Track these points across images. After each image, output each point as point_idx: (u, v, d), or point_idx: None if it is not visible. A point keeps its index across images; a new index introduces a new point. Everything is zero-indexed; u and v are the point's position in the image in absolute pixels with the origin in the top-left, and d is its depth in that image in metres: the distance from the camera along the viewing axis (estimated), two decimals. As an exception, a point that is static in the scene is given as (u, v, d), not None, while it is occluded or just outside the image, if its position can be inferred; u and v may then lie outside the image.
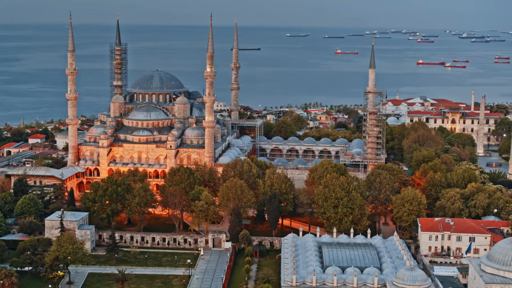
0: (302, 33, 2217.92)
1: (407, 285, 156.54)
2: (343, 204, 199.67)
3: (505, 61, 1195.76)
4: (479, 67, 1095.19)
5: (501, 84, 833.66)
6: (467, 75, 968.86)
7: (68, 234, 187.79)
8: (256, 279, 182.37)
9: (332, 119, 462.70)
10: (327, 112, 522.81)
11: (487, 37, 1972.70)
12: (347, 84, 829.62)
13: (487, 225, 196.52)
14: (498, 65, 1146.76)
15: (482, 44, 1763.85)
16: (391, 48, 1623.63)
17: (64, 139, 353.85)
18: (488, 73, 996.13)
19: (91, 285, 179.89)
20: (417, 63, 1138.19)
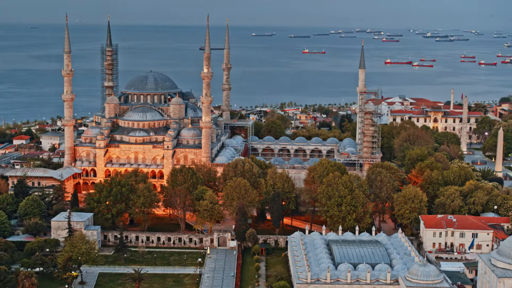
0: (268, 32, 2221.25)
1: (421, 280, 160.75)
2: (346, 202, 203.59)
3: (471, 60, 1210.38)
4: (446, 66, 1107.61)
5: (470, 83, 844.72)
6: (435, 74, 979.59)
7: (81, 234, 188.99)
8: (267, 276, 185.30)
9: (311, 118, 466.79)
10: (303, 111, 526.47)
11: (451, 36, 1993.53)
12: (319, 83, 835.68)
13: (487, 222, 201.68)
14: (464, 64, 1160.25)
15: (446, 43, 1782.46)
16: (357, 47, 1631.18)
17: (50, 140, 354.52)
18: (455, 72, 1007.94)
19: (104, 284, 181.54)
20: (385, 62, 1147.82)
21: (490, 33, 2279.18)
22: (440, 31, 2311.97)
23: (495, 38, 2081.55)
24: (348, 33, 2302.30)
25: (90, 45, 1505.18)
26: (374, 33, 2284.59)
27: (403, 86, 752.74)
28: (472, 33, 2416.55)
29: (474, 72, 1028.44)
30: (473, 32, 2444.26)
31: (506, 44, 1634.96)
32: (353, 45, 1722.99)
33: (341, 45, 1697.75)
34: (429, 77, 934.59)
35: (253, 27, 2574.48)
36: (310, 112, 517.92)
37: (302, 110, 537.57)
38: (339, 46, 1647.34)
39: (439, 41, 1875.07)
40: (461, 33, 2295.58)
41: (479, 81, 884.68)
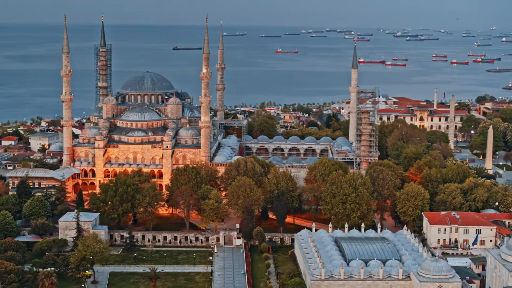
0: (239, 32, 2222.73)
1: (434, 275, 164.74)
2: (351, 200, 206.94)
3: (442, 59, 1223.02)
4: (419, 65, 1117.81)
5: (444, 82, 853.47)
6: (409, 73, 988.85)
7: (93, 233, 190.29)
8: (277, 274, 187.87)
9: (295, 118, 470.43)
10: (284, 110, 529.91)
11: (421, 36, 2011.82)
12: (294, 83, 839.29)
13: (489, 218, 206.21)
14: (436, 63, 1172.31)
15: (417, 43, 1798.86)
16: (329, 47, 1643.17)
17: (39, 141, 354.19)
18: (428, 71, 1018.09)
19: (116, 283, 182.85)
20: (359, 61, 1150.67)
21: (459, 33, 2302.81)
22: (410, 31, 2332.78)
23: (464, 37, 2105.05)
24: (318, 32, 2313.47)
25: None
26: (345, 32, 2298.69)
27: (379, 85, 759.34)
28: (442, 32, 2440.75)
29: (447, 71, 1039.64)
30: (442, 32, 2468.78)
31: (476, 43, 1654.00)
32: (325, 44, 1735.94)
33: (312, 45, 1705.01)
34: (403, 76, 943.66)
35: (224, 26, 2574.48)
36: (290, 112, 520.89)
37: (282, 109, 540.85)
38: (311, 46, 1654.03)
39: (410, 40, 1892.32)
40: (431, 32, 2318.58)
41: (452, 80, 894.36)
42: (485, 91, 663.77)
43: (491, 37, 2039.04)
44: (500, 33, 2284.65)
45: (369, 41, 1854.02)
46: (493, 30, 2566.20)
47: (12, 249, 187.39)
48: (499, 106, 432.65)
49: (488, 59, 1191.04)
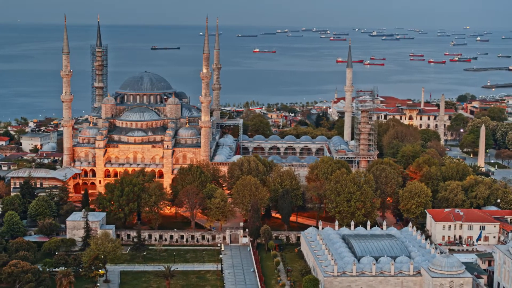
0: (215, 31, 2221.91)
1: (445, 271, 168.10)
2: (355, 198, 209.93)
3: (419, 58, 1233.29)
4: (397, 64, 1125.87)
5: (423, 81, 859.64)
6: (387, 72, 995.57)
7: (105, 232, 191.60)
8: (286, 271, 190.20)
9: (283, 117, 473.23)
10: (268, 110, 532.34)
11: (396, 35, 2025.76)
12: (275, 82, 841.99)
13: (491, 215, 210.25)
14: (414, 62, 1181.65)
15: (393, 42, 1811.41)
16: (306, 46, 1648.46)
17: (31, 141, 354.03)
18: (406, 71, 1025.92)
19: (128, 282, 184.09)
20: (337, 61, 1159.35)
21: (433, 32, 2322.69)
22: (385, 30, 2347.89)
23: (439, 36, 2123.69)
24: (294, 32, 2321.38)
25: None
26: (320, 32, 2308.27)
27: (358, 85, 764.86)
28: (416, 31, 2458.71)
29: (425, 70, 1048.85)
30: (417, 31, 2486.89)
31: (452, 42, 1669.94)
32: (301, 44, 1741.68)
33: (289, 44, 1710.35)
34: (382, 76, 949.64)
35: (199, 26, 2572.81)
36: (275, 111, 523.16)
37: (267, 109, 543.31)
38: (288, 45, 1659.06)
39: (386, 39, 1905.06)
40: (405, 32, 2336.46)
41: (430, 79, 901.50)
42: (465, 90, 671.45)
43: (466, 36, 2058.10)
44: (474, 32, 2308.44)
45: (345, 41, 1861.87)
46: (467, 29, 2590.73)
47: (23, 249, 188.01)
48: (487, 105, 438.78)
49: (465, 58, 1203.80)
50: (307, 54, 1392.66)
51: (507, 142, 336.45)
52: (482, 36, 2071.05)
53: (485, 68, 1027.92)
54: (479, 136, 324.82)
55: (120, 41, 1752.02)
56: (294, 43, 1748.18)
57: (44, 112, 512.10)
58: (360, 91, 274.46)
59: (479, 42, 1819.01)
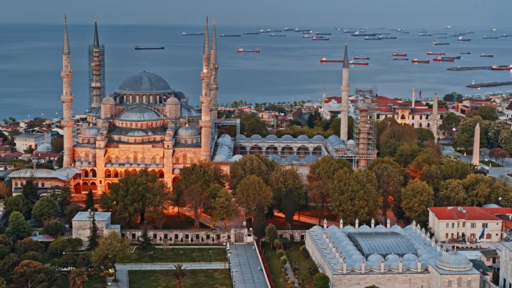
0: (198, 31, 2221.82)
1: (453, 268, 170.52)
2: (359, 196, 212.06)
3: (403, 58, 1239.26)
4: (381, 64, 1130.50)
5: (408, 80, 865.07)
6: (372, 72, 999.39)
7: (114, 232, 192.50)
8: (293, 269, 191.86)
9: (273, 117, 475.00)
10: (258, 110, 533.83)
11: (378, 35, 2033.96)
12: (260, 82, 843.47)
13: (492, 212, 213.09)
14: (398, 61, 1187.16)
15: (375, 42, 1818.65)
16: (289, 46, 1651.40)
17: (25, 142, 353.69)
18: (391, 70, 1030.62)
19: (137, 281, 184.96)
20: (321, 60, 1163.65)
21: (415, 31, 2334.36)
22: (367, 30, 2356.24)
23: (421, 36, 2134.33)
24: (277, 32, 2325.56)
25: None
26: (303, 31, 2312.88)
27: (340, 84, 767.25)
28: (398, 31, 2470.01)
29: (409, 69, 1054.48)
30: (398, 31, 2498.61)
31: (434, 42, 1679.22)
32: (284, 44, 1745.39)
33: (272, 44, 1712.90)
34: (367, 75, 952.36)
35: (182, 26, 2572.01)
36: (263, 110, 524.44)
37: (255, 108, 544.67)
38: (271, 45, 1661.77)
39: (368, 39, 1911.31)
40: (387, 31, 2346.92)
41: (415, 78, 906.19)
42: (450, 89, 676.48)
43: (447, 36, 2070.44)
44: (455, 31, 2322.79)
45: (328, 40, 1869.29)
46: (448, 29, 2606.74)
47: (31, 249, 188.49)
48: (477, 104, 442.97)
49: (448, 57, 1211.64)
50: (290, 54, 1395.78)
51: (500, 141, 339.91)
52: (464, 35, 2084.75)
53: (469, 68, 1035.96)
54: (472, 135, 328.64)
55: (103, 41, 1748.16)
56: (277, 43, 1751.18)
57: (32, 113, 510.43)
58: (359, 91, 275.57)
59: (461, 41, 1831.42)
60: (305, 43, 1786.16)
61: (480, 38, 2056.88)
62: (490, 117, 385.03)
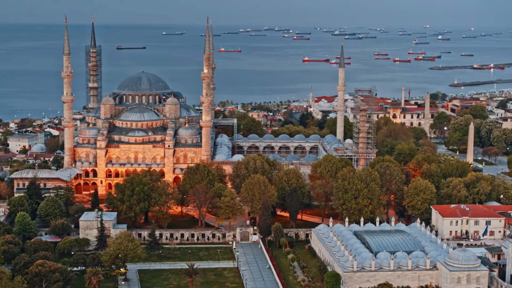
0: (178, 31, 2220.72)
1: (462, 264, 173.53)
2: (363, 195, 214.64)
3: (384, 57, 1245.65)
4: (362, 63, 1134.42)
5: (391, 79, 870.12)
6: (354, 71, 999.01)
7: (125, 232, 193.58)
8: (301, 267, 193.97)
9: (263, 116, 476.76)
10: (245, 109, 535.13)
11: (358, 34, 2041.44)
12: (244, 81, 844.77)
13: (495, 210, 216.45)
14: (379, 61, 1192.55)
15: (356, 41, 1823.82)
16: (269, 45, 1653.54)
17: (18, 142, 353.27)
18: (373, 69, 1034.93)
19: (148, 280, 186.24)
20: (303, 60, 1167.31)
21: (394, 31, 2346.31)
22: (347, 29, 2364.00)
23: (401, 35, 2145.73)
24: (257, 31, 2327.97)
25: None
26: (283, 31, 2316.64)
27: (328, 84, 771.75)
28: (377, 30, 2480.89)
29: (391, 69, 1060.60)
30: (378, 30, 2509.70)
31: (415, 41, 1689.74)
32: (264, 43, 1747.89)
33: (253, 44, 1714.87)
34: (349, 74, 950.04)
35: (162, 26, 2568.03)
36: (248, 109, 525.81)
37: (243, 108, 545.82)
38: (251, 45, 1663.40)
39: (348, 39, 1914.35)
40: (367, 31, 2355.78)
41: (397, 77, 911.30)
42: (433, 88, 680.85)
43: (427, 35, 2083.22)
44: (434, 31, 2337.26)
45: (309, 40, 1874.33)
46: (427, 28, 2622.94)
47: (42, 249, 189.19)
48: (467, 103, 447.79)
49: (429, 57, 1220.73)
50: (272, 53, 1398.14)
51: (492, 140, 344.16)
52: (443, 35, 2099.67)
53: (450, 67, 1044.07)
54: (465, 133, 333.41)
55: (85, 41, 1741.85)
56: (258, 43, 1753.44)
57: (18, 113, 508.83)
58: (358, 90, 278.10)
59: (441, 41, 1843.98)
60: (286, 43, 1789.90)
61: (459, 37, 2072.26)
62: (480, 116, 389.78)
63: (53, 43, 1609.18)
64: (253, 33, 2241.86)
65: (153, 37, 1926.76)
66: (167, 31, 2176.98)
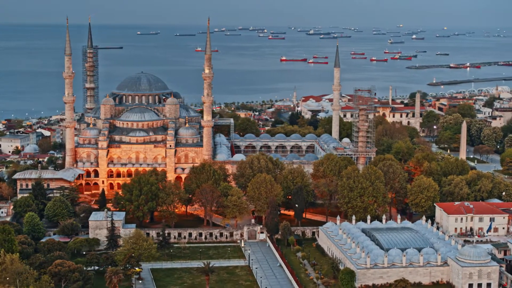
0: (152, 31, 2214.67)
1: (473, 260, 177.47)
2: (368, 193, 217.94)
3: (361, 56, 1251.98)
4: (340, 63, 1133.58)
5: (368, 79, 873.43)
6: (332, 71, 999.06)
7: (139, 232, 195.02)
8: (312, 265, 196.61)
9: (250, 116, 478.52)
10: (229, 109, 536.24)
11: (333, 34, 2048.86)
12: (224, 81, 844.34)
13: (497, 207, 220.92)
14: (356, 60, 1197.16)
15: (331, 41, 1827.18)
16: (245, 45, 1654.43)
17: (10, 143, 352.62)
18: (350, 69, 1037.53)
19: (162, 279, 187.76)
20: (281, 59, 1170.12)
21: (368, 30, 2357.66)
22: (321, 29, 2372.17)
23: (375, 34, 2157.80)
24: (231, 31, 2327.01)
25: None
26: (258, 30, 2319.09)
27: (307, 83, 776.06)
28: (352, 30, 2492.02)
29: (368, 68, 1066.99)
30: (352, 29, 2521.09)
31: (390, 40, 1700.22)
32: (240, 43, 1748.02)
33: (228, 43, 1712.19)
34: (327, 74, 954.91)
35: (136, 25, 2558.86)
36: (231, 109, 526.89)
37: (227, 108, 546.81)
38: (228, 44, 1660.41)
39: (323, 38, 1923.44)
40: (341, 30, 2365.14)
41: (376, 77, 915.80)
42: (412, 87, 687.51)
43: (401, 34, 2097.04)
44: (408, 30, 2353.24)
45: (284, 39, 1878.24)
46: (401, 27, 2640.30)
47: (55, 249, 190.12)
48: (455, 102, 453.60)
49: (405, 56, 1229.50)
50: (248, 53, 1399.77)
51: (483, 138, 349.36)
52: (417, 34, 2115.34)
53: (427, 66, 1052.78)
54: (456, 132, 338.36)
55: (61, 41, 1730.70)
56: (233, 42, 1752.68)
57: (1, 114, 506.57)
58: (358, 90, 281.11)
59: (415, 40, 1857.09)
60: (261, 42, 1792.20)
61: (433, 36, 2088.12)
62: (469, 115, 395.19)
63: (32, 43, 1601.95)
64: (228, 32, 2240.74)
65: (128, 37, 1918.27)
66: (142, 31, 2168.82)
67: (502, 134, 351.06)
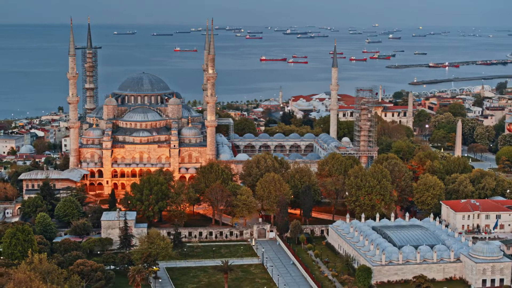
0: (129, 30, 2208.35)
1: (487, 256, 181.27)
2: (376, 191, 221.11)
3: (340, 56, 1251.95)
4: (319, 62, 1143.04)
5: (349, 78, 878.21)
6: (312, 70, 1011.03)
7: (155, 231, 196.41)
8: (324, 263, 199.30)
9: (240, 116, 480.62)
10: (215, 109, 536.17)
11: (310, 33, 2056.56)
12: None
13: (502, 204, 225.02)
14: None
15: (308, 40, 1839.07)
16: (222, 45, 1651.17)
17: (5, 143, 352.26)
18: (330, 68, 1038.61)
19: (179, 278, 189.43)
20: (260, 59, 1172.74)
21: (344, 29, 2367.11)
22: (297, 28, 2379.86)
23: (352, 34, 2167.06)
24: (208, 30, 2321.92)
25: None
26: (234, 30, 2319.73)
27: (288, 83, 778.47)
28: (328, 29, 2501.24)
29: (348, 67, 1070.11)
30: (328, 29, 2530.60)
31: (367, 40, 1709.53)
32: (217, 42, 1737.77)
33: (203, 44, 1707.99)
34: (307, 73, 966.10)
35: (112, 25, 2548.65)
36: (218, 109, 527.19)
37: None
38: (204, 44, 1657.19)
39: (301, 38, 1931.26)
40: (317, 29, 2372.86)
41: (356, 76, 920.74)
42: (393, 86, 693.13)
43: (377, 34, 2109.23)
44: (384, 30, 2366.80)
45: (261, 39, 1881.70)
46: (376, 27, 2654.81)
47: (71, 249, 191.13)
48: (446, 101, 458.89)
49: (384, 55, 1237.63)
50: (227, 52, 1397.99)
51: (476, 137, 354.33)
52: (393, 33, 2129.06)
53: (406, 65, 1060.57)
54: (449, 131, 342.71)
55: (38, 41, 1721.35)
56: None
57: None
58: (360, 90, 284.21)
59: (392, 39, 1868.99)
60: (239, 42, 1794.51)
61: (409, 36, 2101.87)
62: (459, 114, 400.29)
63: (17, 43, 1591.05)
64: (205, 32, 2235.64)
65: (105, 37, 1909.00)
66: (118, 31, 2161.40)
67: (495, 133, 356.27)
